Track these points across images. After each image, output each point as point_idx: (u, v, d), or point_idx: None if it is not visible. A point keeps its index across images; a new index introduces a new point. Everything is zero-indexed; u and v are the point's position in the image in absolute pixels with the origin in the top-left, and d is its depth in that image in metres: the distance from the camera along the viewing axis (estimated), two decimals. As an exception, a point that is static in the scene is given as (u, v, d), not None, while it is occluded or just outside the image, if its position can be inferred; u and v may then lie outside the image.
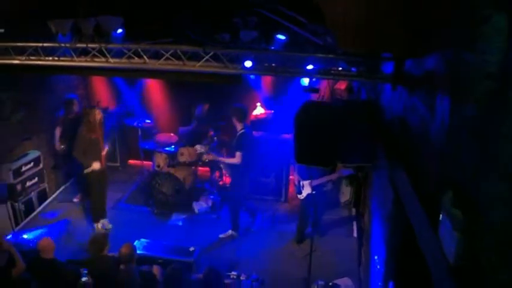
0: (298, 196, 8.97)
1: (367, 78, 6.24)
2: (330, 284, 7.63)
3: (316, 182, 8.56)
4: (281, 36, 6.67)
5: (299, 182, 8.85)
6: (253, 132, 10.85)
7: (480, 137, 2.60)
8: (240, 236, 9.51)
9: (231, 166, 9.45)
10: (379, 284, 5.86)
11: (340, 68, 6.38)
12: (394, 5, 3.88)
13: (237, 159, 8.94)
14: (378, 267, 6.01)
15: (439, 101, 3.53)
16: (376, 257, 6.26)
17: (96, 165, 9.25)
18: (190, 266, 7.89)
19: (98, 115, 9.21)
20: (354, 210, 10.14)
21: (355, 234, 9.18)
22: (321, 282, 7.65)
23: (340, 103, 6.21)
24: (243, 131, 8.96)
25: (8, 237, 8.52)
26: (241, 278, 7.79)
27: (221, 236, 9.38)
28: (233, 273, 7.89)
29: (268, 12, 6.46)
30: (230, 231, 9.43)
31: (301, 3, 6.13)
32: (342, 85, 9.26)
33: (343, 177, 8.80)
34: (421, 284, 3.58)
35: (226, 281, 7.48)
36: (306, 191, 8.70)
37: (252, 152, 9.16)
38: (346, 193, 10.35)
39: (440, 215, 2.97)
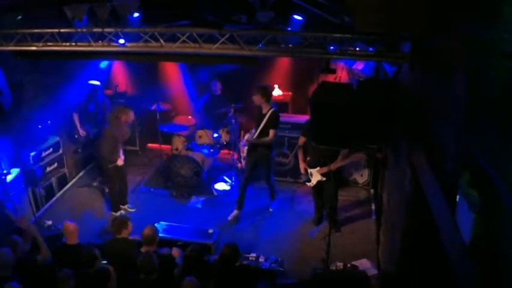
0: (308, 184, 8.93)
1: (384, 58, 6.19)
2: (349, 265, 7.62)
3: (322, 170, 8.50)
4: (298, 17, 6.62)
5: (306, 170, 8.82)
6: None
7: (498, 117, 2.57)
8: (259, 218, 9.52)
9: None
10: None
11: (358, 48, 6.32)
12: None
13: (271, 137, 8.99)
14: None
15: (457, 80, 3.49)
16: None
17: (120, 162, 9.36)
18: (209, 248, 7.93)
19: (131, 117, 9.26)
20: (372, 191, 10.12)
21: (373, 215, 9.15)
22: (339, 264, 7.65)
23: (357, 83, 6.15)
24: (273, 109, 8.99)
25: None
26: (260, 259, 7.82)
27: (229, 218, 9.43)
28: (252, 254, 7.93)
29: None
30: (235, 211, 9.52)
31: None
32: (359, 65, 9.19)
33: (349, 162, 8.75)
34: (437, 264, 3.57)
35: (245, 262, 7.51)
36: (316, 178, 8.67)
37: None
38: (364, 174, 10.34)
39: (457, 196, 2.95)
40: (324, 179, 8.56)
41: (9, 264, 5.96)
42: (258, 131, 9.03)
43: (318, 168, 8.52)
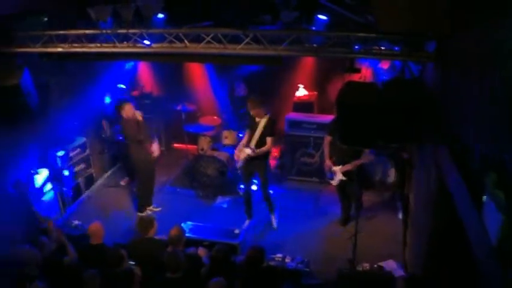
0: (331, 182, 8.91)
1: (409, 57, 6.12)
2: (375, 266, 7.58)
3: (345, 168, 8.47)
4: (322, 16, 6.60)
5: (330, 168, 8.78)
6: (297, 114, 10.87)
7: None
8: (284, 218, 9.51)
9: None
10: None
11: (383, 48, 6.27)
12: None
13: (269, 145, 8.71)
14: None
15: (483, 79, 3.45)
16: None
17: (154, 151, 9.72)
18: (235, 248, 7.94)
19: (130, 111, 9.25)
20: (398, 191, 10.03)
21: (400, 216, 9.07)
22: (365, 264, 7.61)
23: (382, 83, 6.10)
24: (268, 115, 8.72)
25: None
26: (286, 260, 7.81)
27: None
28: (278, 255, 7.92)
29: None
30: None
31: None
32: (384, 64, 9.12)
33: (371, 160, 8.68)
34: (464, 266, 3.53)
35: (271, 263, 7.51)
36: (338, 177, 8.65)
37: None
38: (391, 174, 10.26)
39: (484, 196, 2.91)
40: (345, 178, 8.58)
41: (37, 263, 6.05)
42: (254, 141, 8.75)
43: (341, 166, 8.51)
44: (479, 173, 3.20)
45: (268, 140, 8.61)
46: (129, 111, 9.12)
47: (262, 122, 8.61)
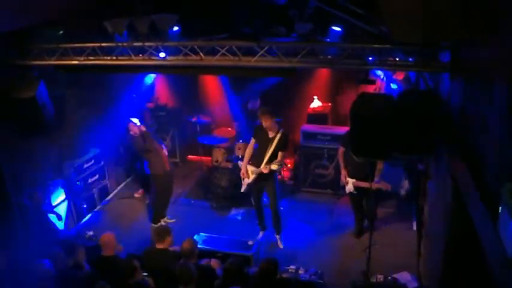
0: (346, 190, 8.94)
1: (424, 68, 6.12)
2: (389, 277, 7.54)
3: (359, 184, 8.49)
4: (336, 28, 6.62)
5: (345, 177, 8.82)
6: (311, 126, 10.86)
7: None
8: (298, 230, 9.50)
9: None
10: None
11: (397, 59, 6.28)
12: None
13: (280, 159, 8.59)
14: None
15: (497, 90, 3.44)
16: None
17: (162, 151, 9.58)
18: (249, 259, 7.93)
19: (133, 128, 9.32)
20: (413, 202, 9.98)
21: (414, 227, 9.02)
22: (379, 276, 7.57)
23: (397, 94, 6.10)
24: (282, 130, 8.56)
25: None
26: (300, 271, 7.78)
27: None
28: (291, 267, 7.90)
29: (324, 4, 6.42)
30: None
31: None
32: (399, 76, 9.12)
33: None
34: (479, 276, 3.51)
35: (285, 275, 7.49)
36: (349, 188, 8.71)
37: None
38: (405, 185, 10.21)
39: (500, 207, 2.90)
40: (356, 192, 8.73)
41: (50, 276, 6.09)
42: (266, 157, 8.51)
43: (354, 180, 8.61)
44: (495, 184, 3.19)
45: (280, 154, 8.51)
46: (134, 128, 9.24)
47: (276, 138, 8.44)
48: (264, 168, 8.47)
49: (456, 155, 4.68)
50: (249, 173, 8.79)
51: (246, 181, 8.91)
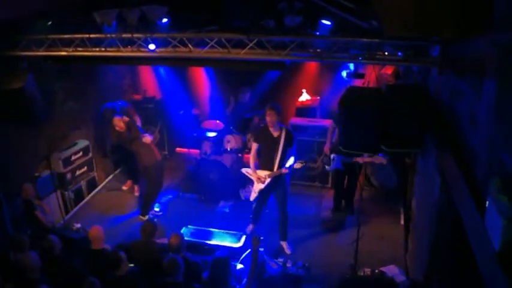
0: (326, 167, 9.04)
1: (413, 62, 6.15)
2: (377, 271, 7.58)
3: (365, 159, 8.58)
4: (326, 22, 6.61)
5: (330, 154, 9.08)
6: (300, 119, 10.88)
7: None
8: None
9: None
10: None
11: (386, 53, 6.29)
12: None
13: (292, 160, 8.34)
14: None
15: (487, 85, 3.46)
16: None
17: (145, 140, 9.49)
18: (237, 252, 7.94)
19: (114, 121, 9.41)
20: (400, 196, 10.03)
21: (401, 221, 9.07)
22: (367, 269, 7.61)
23: (386, 87, 6.11)
24: (287, 128, 8.47)
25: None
26: (287, 264, 7.82)
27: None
28: (279, 259, 7.94)
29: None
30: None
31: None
32: (388, 70, 9.12)
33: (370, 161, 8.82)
34: (467, 271, 3.53)
35: (273, 267, 7.52)
36: (335, 165, 8.95)
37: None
38: (393, 179, 10.25)
39: (487, 202, 2.91)
40: (343, 168, 8.97)
41: (37, 267, 6.08)
42: (278, 158, 8.25)
43: (342, 157, 8.81)
44: (483, 178, 3.21)
45: (289, 152, 8.33)
46: (120, 123, 9.25)
47: (282, 137, 8.20)
48: (284, 169, 8.23)
49: (444, 150, 4.70)
50: (262, 179, 8.43)
51: (258, 187, 8.53)
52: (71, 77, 9.61)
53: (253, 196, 8.73)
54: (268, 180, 8.39)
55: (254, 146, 8.55)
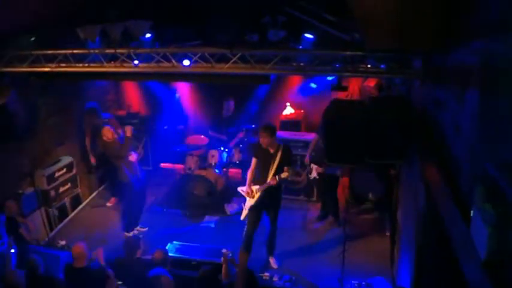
0: (309, 176, 9.20)
1: (396, 74, 6.20)
2: (364, 283, 7.58)
3: (320, 170, 8.69)
4: (309, 35, 6.65)
5: (310, 163, 9.24)
6: (284, 132, 10.89)
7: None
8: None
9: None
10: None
11: (369, 65, 6.34)
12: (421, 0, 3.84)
13: (288, 175, 7.99)
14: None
15: (469, 94, 3.49)
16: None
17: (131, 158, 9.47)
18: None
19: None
20: (386, 208, 10.06)
21: (387, 233, 9.10)
22: (354, 282, 7.60)
23: (369, 100, 6.16)
24: (283, 144, 8.20)
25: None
26: (274, 278, 7.79)
27: None
28: (266, 273, 7.91)
29: (297, 11, 6.46)
30: None
31: (330, 1, 6.13)
32: (371, 82, 9.19)
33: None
34: (453, 280, 3.54)
35: (260, 282, 7.49)
36: (313, 174, 9.18)
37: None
38: (378, 191, 10.28)
39: (472, 210, 2.93)
40: (317, 177, 9.33)
41: (22, 286, 6.02)
42: (271, 174, 7.96)
43: (317, 166, 9.15)
44: (467, 188, 3.23)
45: (286, 169, 7.95)
46: (108, 133, 9.17)
47: (278, 154, 7.95)
48: (272, 180, 7.91)
49: (428, 160, 4.73)
50: (254, 193, 8.14)
51: (249, 204, 8.22)
52: (55, 93, 9.56)
53: (244, 214, 8.38)
54: (258, 194, 8.09)
55: (253, 161, 8.26)
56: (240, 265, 6.76)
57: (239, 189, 8.50)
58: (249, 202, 8.22)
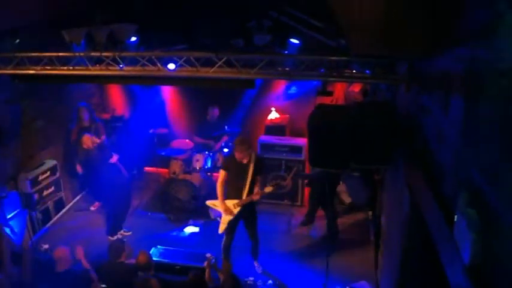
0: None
1: (381, 79, 6.22)
2: (347, 287, 7.60)
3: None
4: (294, 40, 6.67)
5: None
6: (269, 137, 10.91)
7: (496, 137, 2.58)
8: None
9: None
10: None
11: (354, 71, 6.36)
12: (411, 6, 3.86)
13: (260, 184, 8.14)
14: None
15: (453, 100, 3.51)
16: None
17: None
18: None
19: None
20: (370, 213, 10.09)
21: (371, 237, 9.13)
22: (338, 287, 7.62)
23: (354, 105, 6.18)
24: (254, 153, 8.11)
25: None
26: (258, 283, 7.80)
27: None
28: (250, 278, 7.90)
29: (283, 16, 6.48)
30: None
31: (315, 7, 6.14)
32: (356, 88, 9.24)
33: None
34: (437, 285, 3.56)
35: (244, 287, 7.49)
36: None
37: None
38: (362, 196, 10.32)
39: (456, 216, 2.95)
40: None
41: None
42: (247, 186, 7.90)
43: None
44: (451, 193, 3.25)
45: (258, 179, 8.01)
46: (88, 141, 9.14)
47: (252, 164, 7.85)
48: (255, 195, 7.92)
49: (413, 165, 4.75)
50: (232, 209, 8.02)
51: (228, 218, 8.09)
52: (39, 96, 9.50)
53: (222, 228, 8.22)
54: (238, 209, 8.01)
55: (222, 174, 8.10)
56: (224, 271, 6.76)
57: (209, 203, 8.48)
58: (227, 217, 8.09)
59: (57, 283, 6.60)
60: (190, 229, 10.06)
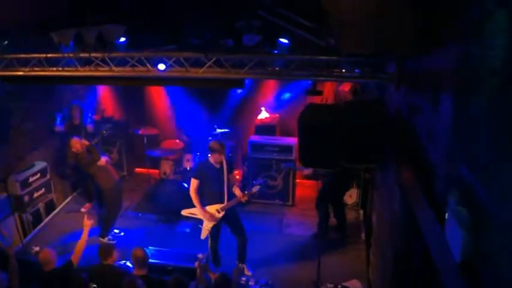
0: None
1: (370, 78, 6.24)
2: (339, 286, 7.61)
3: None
4: (284, 40, 6.67)
5: None
6: (260, 137, 10.91)
7: (486, 135, 2.59)
8: (248, 241, 9.48)
9: None
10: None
11: (344, 70, 6.38)
12: (400, 5, 3.88)
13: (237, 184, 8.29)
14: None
15: (443, 98, 3.53)
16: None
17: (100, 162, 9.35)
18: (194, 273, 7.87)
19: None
20: (361, 211, 10.12)
21: (363, 236, 9.15)
22: (330, 285, 7.63)
23: (344, 104, 6.20)
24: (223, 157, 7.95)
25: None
26: (250, 283, 7.78)
27: None
28: (242, 278, 7.88)
29: (271, 16, 6.47)
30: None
31: (305, 6, 6.14)
32: (345, 87, 9.25)
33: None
34: (428, 283, 3.57)
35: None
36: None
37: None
38: (353, 195, 10.35)
39: (446, 214, 2.96)
40: None
41: None
42: (226, 189, 7.93)
43: None
44: (442, 191, 3.26)
45: (233, 178, 8.14)
46: (76, 144, 9.12)
47: (224, 167, 7.89)
48: (244, 196, 7.97)
49: (403, 163, 4.77)
50: (215, 215, 8.03)
51: (210, 225, 8.11)
52: (28, 97, 9.46)
53: (204, 234, 8.26)
54: (222, 213, 8.00)
55: (195, 183, 7.96)
56: (215, 273, 6.76)
57: (185, 212, 8.38)
58: (210, 224, 8.11)
59: (47, 282, 6.58)
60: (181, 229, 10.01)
